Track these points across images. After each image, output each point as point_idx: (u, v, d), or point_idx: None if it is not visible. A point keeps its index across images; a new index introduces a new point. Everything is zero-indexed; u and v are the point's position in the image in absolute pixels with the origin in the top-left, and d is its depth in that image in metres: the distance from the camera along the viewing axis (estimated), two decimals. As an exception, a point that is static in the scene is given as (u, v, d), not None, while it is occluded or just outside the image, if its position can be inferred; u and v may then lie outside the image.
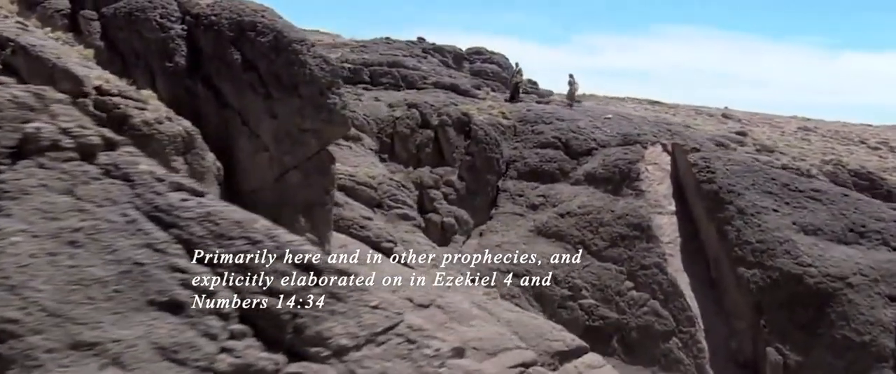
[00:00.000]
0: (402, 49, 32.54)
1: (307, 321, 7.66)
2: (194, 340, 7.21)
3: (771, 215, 21.71)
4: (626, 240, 22.45)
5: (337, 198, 20.64)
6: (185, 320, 7.28)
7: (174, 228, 7.71)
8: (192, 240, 7.70)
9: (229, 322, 7.46)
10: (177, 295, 7.31)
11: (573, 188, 24.29)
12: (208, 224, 7.79)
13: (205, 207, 7.89)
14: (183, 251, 7.62)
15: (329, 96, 15.74)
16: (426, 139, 25.56)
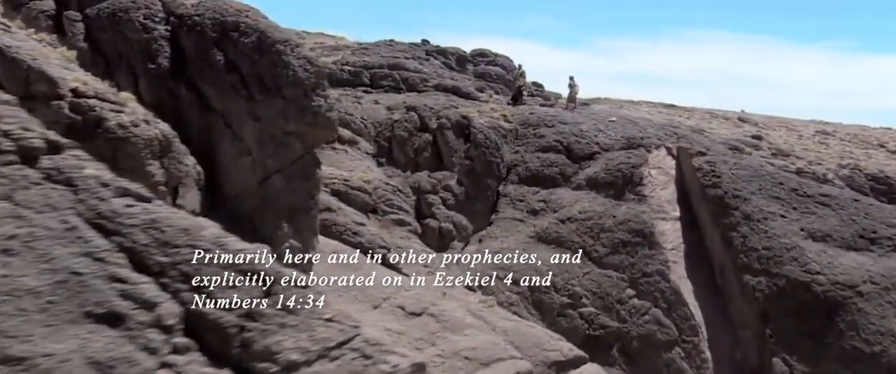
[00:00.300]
0: (404, 51, 32.24)
1: (255, 334, 7.30)
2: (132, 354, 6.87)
3: (778, 221, 21.14)
4: (628, 246, 21.96)
5: (330, 203, 20.35)
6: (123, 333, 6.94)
7: (117, 235, 7.39)
8: (136, 248, 7.37)
9: (172, 336, 7.11)
10: (115, 307, 6.98)
11: (575, 193, 23.82)
12: (153, 232, 7.45)
13: (150, 213, 7.56)
14: (125, 260, 7.29)
15: (314, 98, 15.41)
16: (425, 143, 25.19)
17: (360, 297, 18.39)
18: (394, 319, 18.12)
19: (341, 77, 29.20)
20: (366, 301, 18.33)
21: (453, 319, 18.74)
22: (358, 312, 17.99)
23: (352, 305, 18.06)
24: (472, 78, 31.90)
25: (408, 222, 22.41)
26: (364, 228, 20.43)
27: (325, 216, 20.18)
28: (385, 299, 18.57)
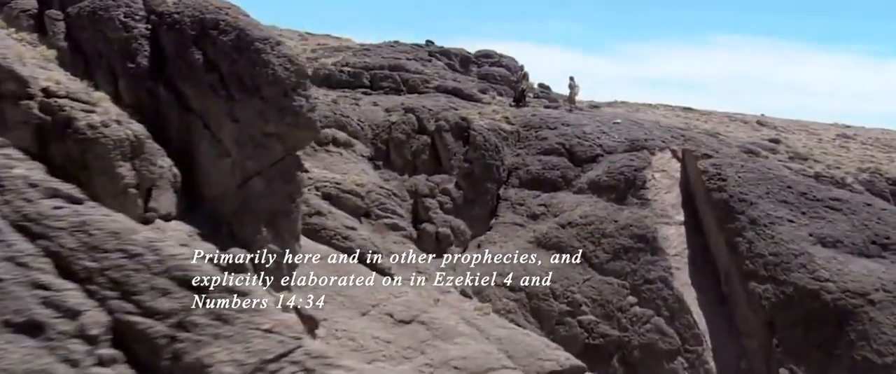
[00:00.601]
0: (407, 52, 31.86)
1: (187, 345, 6.90)
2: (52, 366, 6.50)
3: (786, 226, 20.48)
4: (630, 252, 21.38)
5: (320, 207, 19.98)
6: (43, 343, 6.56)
7: (43, 239, 7.01)
8: (62, 253, 7.00)
9: (96, 347, 6.72)
10: (36, 315, 6.60)
11: (576, 197, 23.29)
12: (81, 235, 7.06)
13: (80, 215, 7.17)
14: (50, 265, 6.92)
15: (294, 98, 15.04)
16: (422, 146, 24.76)
17: (347, 303, 17.98)
18: (382, 326, 17.69)
19: (340, 78, 28.87)
20: (353, 308, 17.92)
21: (444, 327, 18.28)
22: (345, 319, 17.61)
23: (338, 312, 17.66)
24: (475, 79, 31.44)
25: (402, 226, 21.98)
26: (354, 232, 20.04)
27: (315, 221, 19.85)
28: (374, 305, 18.15)
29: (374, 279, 19.19)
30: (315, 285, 18.20)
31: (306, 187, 20.85)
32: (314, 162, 22.69)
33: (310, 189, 20.82)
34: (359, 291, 18.46)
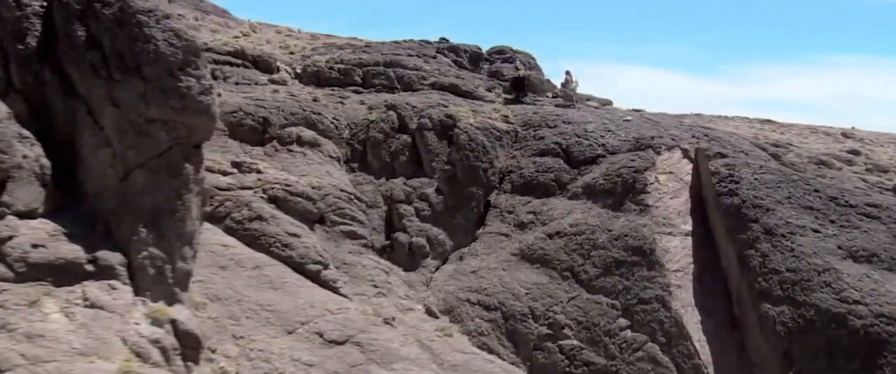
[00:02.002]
0: (410, 49, 30.27)
1: None
2: None
3: (809, 236, 17.68)
4: (623, 267, 18.97)
5: (262, 211, 18.50)
6: None
7: None
8: None
9: None
10: None
11: (569, 203, 21.03)
12: None
13: None
14: None
15: (181, 78, 13.58)
16: (402, 146, 23.01)
17: (272, 320, 16.34)
18: (308, 347, 15.96)
19: (330, 76, 27.48)
20: (279, 325, 16.26)
21: (384, 349, 16.41)
22: (265, 337, 15.93)
23: (260, 329, 16.02)
24: (484, 77, 29.52)
25: (361, 234, 20.20)
26: (297, 240, 18.41)
27: (255, 226, 18.39)
28: (303, 323, 16.45)
29: (314, 294, 17.49)
30: (238, 298, 16.64)
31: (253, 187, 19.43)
32: (272, 162, 21.27)
33: (255, 191, 19.36)
34: (290, 306, 16.80)
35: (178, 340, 13.01)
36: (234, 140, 21.84)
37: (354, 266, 19.37)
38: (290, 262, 18.10)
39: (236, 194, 19.23)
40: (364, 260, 19.72)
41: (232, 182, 19.61)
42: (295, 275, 17.94)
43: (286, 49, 31.13)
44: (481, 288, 19.86)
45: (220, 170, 20.03)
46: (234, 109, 22.28)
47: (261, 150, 21.84)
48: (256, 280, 17.37)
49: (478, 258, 21.07)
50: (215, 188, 19.28)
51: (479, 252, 21.32)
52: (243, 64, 27.01)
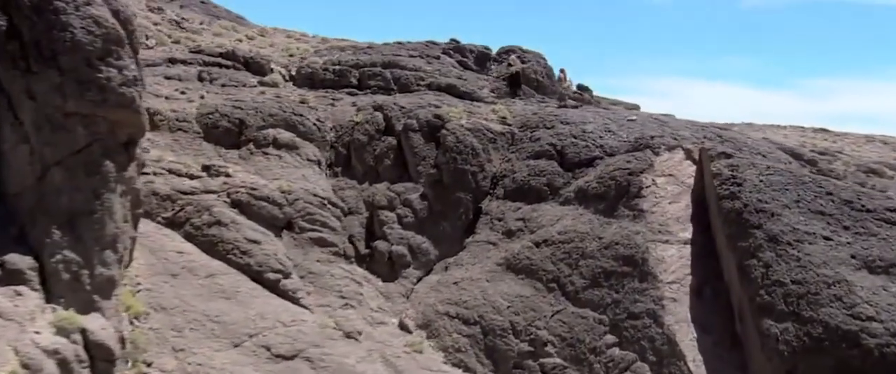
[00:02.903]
0: (413, 50, 29.40)
1: None
2: None
3: (818, 244, 16.11)
4: (613, 278, 17.65)
5: (222, 215, 17.77)
6: None
7: None
8: None
9: None
10: None
11: (560, 209, 19.78)
12: None
13: None
14: None
15: (100, 69, 12.91)
16: (387, 148, 22.08)
17: (218, 331, 15.54)
18: (252, 362, 15.09)
19: (324, 77, 26.76)
20: (224, 338, 15.43)
21: (337, 366, 15.45)
22: (208, 351, 15.11)
23: (204, 341, 15.22)
24: (490, 78, 28.42)
25: (332, 241, 19.30)
26: (257, 246, 17.61)
27: (214, 232, 17.68)
28: (252, 335, 15.60)
29: (268, 304, 16.63)
30: (185, 308, 15.87)
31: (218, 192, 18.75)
32: (245, 166, 20.58)
33: (219, 196, 18.65)
34: (239, 317, 15.97)
35: (88, 352, 12.23)
36: (208, 143, 21.24)
37: (322, 276, 18.46)
38: (247, 270, 17.32)
39: (199, 199, 18.55)
40: (333, 269, 18.79)
41: (196, 186, 18.94)
42: (251, 284, 17.13)
43: (286, 52, 30.58)
44: (461, 301, 18.73)
45: (187, 173, 19.41)
46: (210, 111, 21.69)
47: (235, 152, 21.18)
48: (207, 289, 16.60)
49: (462, 269, 19.96)
50: (178, 192, 18.65)
51: (464, 262, 20.21)
52: (234, 66, 26.49)
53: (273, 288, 17.14)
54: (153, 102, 21.92)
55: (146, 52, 25.66)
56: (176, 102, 22.71)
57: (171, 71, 25.22)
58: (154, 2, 35.44)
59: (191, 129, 21.29)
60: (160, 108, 21.79)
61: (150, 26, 29.69)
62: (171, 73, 25.10)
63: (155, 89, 23.19)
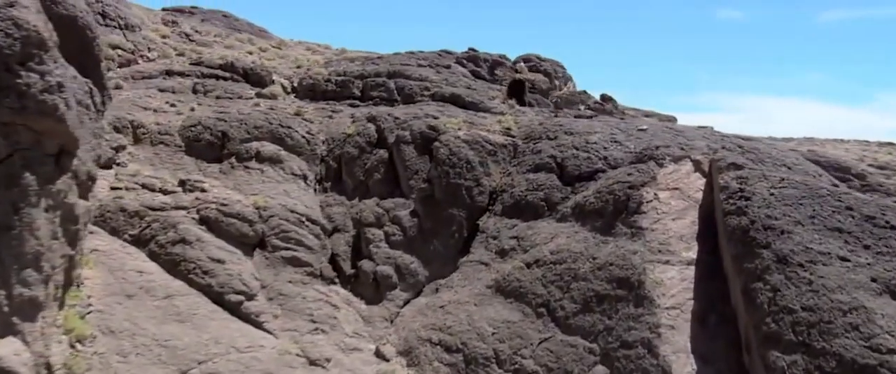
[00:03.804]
0: (424, 59, 28.56)
1: None
2: None
3: (833, 266, 14.49)
4: (605, 302, 16.29)
5: (187, 233, 17.06)
6: None
7: None
8: None
9: None
10: None
11: (556, 227, 18.53)
12: None
13: None
14: None
15: (20, 75, 12.26)
16: (378, 162, 21.19)
17: (166, 358, 14.73)
18: (198, 390, 14.19)
19: (326, 88, 26.10)
20: (171, 364, 14.62)
21: (289, 395, 14.43)
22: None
23: (148, 369, 14.43)
24: (501, 88, 27.36)
25: (306, 261, 18.40)
26: (220, 266, 16.82)
27: (177, 250, 16.96)
28: (201, 362, 14.76)
29: (226, 328, 15.81)
30: (135, 331, 15.16)
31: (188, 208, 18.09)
32: (224, 180, 19.93)
33: (188, 212, 17.99)
34: (191, 341, 15.17)
35: (-5, 379, 11.55)
36: (190, 157, 20.70)
37: (292, 298, 17.57)
38: (208, 291, 16.54)
39: (167, 215, 17.91)
40: (307, 291, 17.88)
41: (167, 202, 18.33)
42: (211, 306, 16.35)
43: (295, 63, 30.09)
44: (446, 326, 17.61)
45: (161, 189, 18.83)
46: (193, 123, 21.16)
47: (217, 166, 20.57)
48: (163, 312, 15.87)
49: (452, 291, 18.86)
50: (147, 209, 18.06)
51: (455, 284, 19.10)
52: (232, 77, 26.05)
53: (234, 311, 16.33)
54: (139, 115, 21.53)
55: (145, 65, 25.45)
56: (163, 115, 22.29)
57: (166, 83, 24.88)
58: (172, 16, 35.48)
59: (173, 142, 20.79)
60: (144, 121, 21.38)
61: (157, 39, 29.55)
62: (166, 85, 24.77)
63: (145, 102, 22.84)
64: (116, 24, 28.17)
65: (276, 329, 16.53)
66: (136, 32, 28.71)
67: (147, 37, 29.28)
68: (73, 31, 14.83)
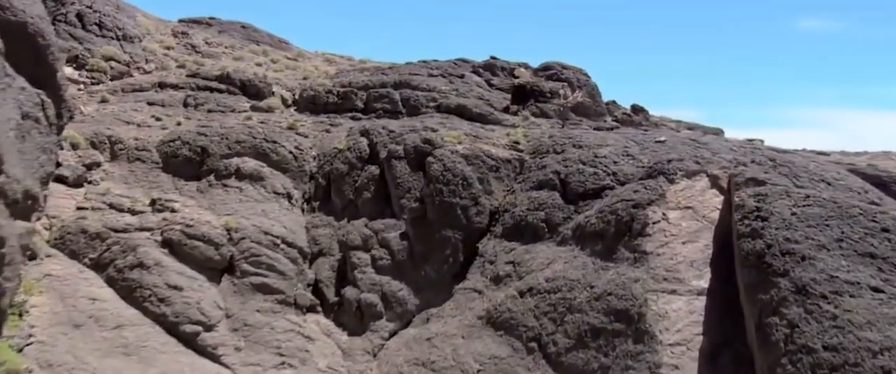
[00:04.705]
0: (435, 68, 27.50)
1: None
2: None
3: (863, 298, 12.78)
4: (602, 337, 14.83)
5: (146, 257, 16.23)
6: None
7: None
8: None
9: None
10: None
11: (554, 250, 17.15)
12: None
13: None
14: None
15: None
16: (368, 179, 20.12)
17: (104, 394, 13.79)
18: (133, 433, 13.23)
19: (327, 100, 25.24)
20: (110, 401, 13.69)
21: (234, 440, 13.35)
22: (83, 418, 13.43)
23: (82, 406, 13.54)
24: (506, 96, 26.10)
25: (278, 287, 17.37)
26: (178, 293, 15.91)
27: (134, 276, 16.11)
28: (142, 400, 13.77)
29: (175, 362, 14.85)
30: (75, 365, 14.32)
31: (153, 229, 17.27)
32: (200, 199, 19.11)
33: (151, 234, 17.18)
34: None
35: None
36: (166, 174, 19.96)
37: (260, 328, 16.54)
38: (162, 320, 15.64)
39: (129, 238, 17.13)
40: (276, 321, 16.85)
41: (131, 223, 17.56)
42: (164, 338, 15.44)
43: (302, 74, 29.35)
44: (429, 361, 16.37)
45: (129, 209, 18.10)
46: (172, 139, 20.44)
47: (194, 184, 19.77)
48: (110, 343, 15.01)
49: (441, 321, 17.62)
50: (110, 230, 17.31)
51: (445, 314, 17.86)
52: (228, 90, 25.37)
53: (189, 342, 15.40)
54: (119, 130, 20.95)
55: (139, 78, 24.96)
56: (146, 130, 21.65)
57: (156, 96, 24.33)
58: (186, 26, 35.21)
59: (150, 158, 20.08)
60: (124, 136, 20.75)
61: (158, 50, 29.14)
62: (157, 98, 24.20)
63: (129, 116, 22.28)
64: (113, 35, 27.86)
65: (236, 363, 15.52)
66: (135, 43, 28.36)
67: (147, 48, 28.91)
68: (24, 38, 14.26)
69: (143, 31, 30.54)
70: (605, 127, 23.22)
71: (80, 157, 19.56)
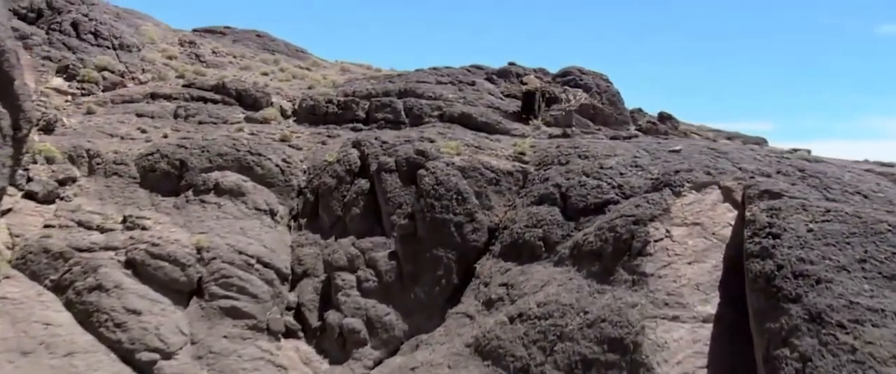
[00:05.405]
0: (445, 75, 26.61)
1: None
2: None
3: (888, 327, 11.43)
4: (594, 369, 13.65)
5: (105, 278, 15.56)
6: None
7: None
8: None
9: None
10: None
11: (550, 271, 16.02)
12: None
13: None
14: None
15: None
16: (357, 193, 19.25)
17: (42, 429, 13.08)
18: None
19: (327, 110, 24.51)
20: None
21: None
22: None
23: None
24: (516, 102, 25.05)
25: (249, 312, 16.54)
26: (136, 318, 15.19)
27: (92, 299, 15.44)
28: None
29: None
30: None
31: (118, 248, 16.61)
32: (175, 216, 18.44)
33: (116, 254, 16.52)
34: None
35: None
36: (144, 189, 19.37)
37: (226, 356, 15.73)
38: (117, 348, 14.92)
39: (92, 258, 16.49)
40: (245, 348, 16.01)
41: (97, 242, 16.94)
42: (118, 366, 14.71)
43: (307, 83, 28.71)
44: (410, 394, 15.34)
45: (98, 226, 17.49)
46: (150, 152, 19.84)
47: (172, 200, 19.12)
48: (58, 372, 14.31)
49: (429, 349, 16.60)
50: (73, 250, 16.71)
51: (435, 341, 16.84)
52: (223, 100, 24.79)
53: (143, 372, 14.60)
54: (100, 143, 20.45)
55: (131, 88, 24.54)
56: (129, 143, 21.12)
57: (147, 108, 23.85)
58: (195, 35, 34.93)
59: (127, 173, 19.50)
60: (103, 150, 20.23)
61: (157, 60, 28.76)
62: (147, 109, 23.72)
63: (114, 128, 21.80)
64: (109, 44, 27.56)
65: (196, 396, 14.70)
66: (132, 53, 28.03)
67: (146, 58, 28.55)
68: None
69: (145, 40, 30.23)
70: (622, 136, 22.01)
71: (54, 172, 19.06)
